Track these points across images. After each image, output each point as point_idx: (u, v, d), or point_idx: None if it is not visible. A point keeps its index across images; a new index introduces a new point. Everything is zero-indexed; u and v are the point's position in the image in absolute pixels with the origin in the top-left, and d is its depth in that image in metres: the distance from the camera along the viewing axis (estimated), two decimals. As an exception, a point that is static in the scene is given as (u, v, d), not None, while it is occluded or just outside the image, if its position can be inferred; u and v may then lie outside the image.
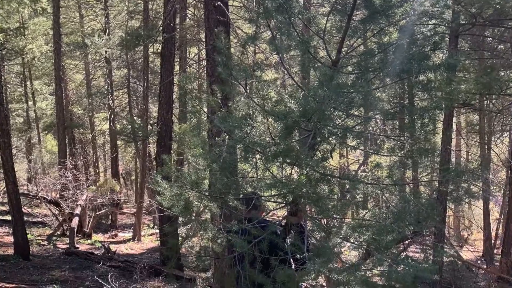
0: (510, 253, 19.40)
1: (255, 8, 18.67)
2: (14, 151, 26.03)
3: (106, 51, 28.49)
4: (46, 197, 22.23)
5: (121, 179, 35.70)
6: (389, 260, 5.14)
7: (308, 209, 6.13)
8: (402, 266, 5.08)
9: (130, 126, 24.23)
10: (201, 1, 18.16)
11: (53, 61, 28.52)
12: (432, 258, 6.69)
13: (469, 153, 29.95)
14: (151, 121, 25.37)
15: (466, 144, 30.04)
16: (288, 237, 5.56)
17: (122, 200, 30.54)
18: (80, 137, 34.01)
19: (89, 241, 22.73)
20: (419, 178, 8.30)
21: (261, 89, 5.67)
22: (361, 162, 21.79)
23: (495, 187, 27.12)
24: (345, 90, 5.29)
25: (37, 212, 25.88)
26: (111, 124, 29.29)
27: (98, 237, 24.35)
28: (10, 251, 16.85)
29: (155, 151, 20.83)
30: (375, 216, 5.74)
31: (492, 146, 24.96)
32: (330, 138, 5.64)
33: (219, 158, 5.82)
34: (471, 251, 23.55)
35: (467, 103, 14.39)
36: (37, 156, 34.99)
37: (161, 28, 19.13)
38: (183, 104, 23.80)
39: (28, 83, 34.67)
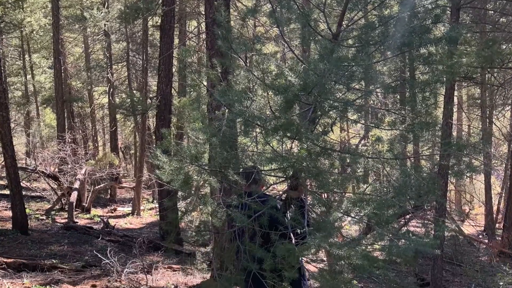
0: (512, 227, 19.48)
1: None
2: (12, 125, 26.04)
3: (105, 24, 28.36)
4: (45, 171, 22.23)
5: (120, 153, 35.71)
6: (390, 235, 5.13)
7: (308, 183, 6.10)
8: (403, 240, 5.07)
9: (129, 99, 24.17)
10: (200, -27, 18.04)
11: (51, 34, 28.45)
12: (433, 233, 6.65)
13: (471, 127, 29.91)
14: (151, 95, 25.30)
15: (467, 118, 30.01)
16: (288, 212, 5.54)
17: (121, 174, 30.59)
18: (79, 111, 33.94)
19: (88, 215, 22.75)
20: (420, 152, 8.27)
21: (261, 63, 5.63)
22: (361, 136, 21.82)
23: (496, 161, 27.14)
24: (345, 64, 5.23)
25: (35, 187, 25.90)
26: (110, 98, 29.23)
27: (97, 211, 24.38)
28: (9, 225, 16.86)
29: (155, 125, 20.79)
30: (376, 190, 5.72)
31: (493, 120, 24.93)
32: (331, 112, 5.60)
33: (218, 132, 5.78)
34: (472, 226, 23.58)
35: (468, 76, 14.33)
36: (36, 130, 34.98)
37: (160, 1, 19.02)
38: (182, 77, 23.75)
39: (26, 56, 34.59)
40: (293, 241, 4.98)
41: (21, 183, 18.25)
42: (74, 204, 20.75)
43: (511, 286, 10.85)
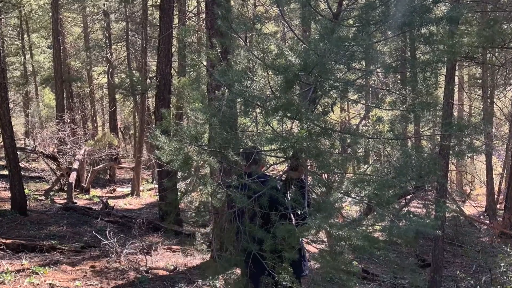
0: (513, 208, 19.48)
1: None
2: (11, 105, 26.00)
3: (104, 4, 28.28)
4: (44, 151, 22.22)
5: (120, 134, 35.71)
6: (391, 215, 5.12)
7: (308, 164, 6.08)
8: (403, 221, 5.06)
9: (128, 79, 24.15)
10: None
11: (50, 14, 28.32)
12: (434, 213, 6.63)
13: (472, 107, 29.87)
14: (150, 75, 25.24)
15: (468, 98, 29.95)
16: (288, 192, 5.52)
17: (120, 155, 30.60)
18: (78, 91, 33.92)
19: (87, 196, 22.77)
20: (421, 132, 8.24)
21: (261, 42, 5.59)
22: (362, 116, 21.78)
23: (498, 141, 27.14)
24: (346, 43, 5.20)
25: (34, 167, 25.90)
26: (110, 78, 29.19)
27: (96, 192, 24.39)
28: (7, 206, 16.86)
29: (154, 105, 20.74)
30: (377, 170, 5.70)
31: (495, 100, 24.88)
32: (331, 92, 5.57)
33: (218, 112, 5.75)
34: (473, 206, 23.60)
35: (469, 56, 14.27)
36: (35, 110, 34.92)
37: (159, -20, 18.91)
38: (182, 57, 23.69)
39: (25, 36, 34.50)
40: (293, 222, 4.96)
41: (20, 164, 18.25)
42: (73, 184, 20.76)
43: (513, 267, 10.88)
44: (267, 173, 5.95)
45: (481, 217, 24.18)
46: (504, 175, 27.73)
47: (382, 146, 5.82)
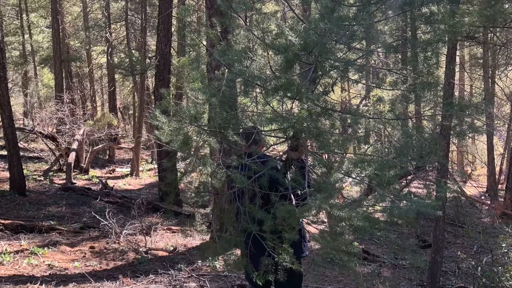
0: (515, 188, 19.48)
1: None
2: (9, 85, 25.94)
3: (103, -17, 28.15)
4: (43, 131, 22.21)
5: (119, 114, 35.68)
6: (392, 196, 5.09)
7: (309, 144, 6.06)
8: (404, 202, 5.03)
9: (128, 59, 24.12)
10: None
11: (49, -7, 28.20)
12: (435, 194, 6.61)
13: (473, 87, 29.72)
14: (149, 55, 25.18)
15: (469, 78, 29.83)
16: (288, 173, 5.50)
17: (120, 135, 30.59)
18: (77, 71, 33.84)
19: (86, 176, 22.80)
20: (422, 112, 8.21)
21: (261, 22, 5.54)
22: (363, 96, 21.75)
23: (499, 122, 27.10)
24: (346, 23, 5.15)
25: (33, 147, 25.92)
26: (109, 58, 29.14)
27: (95, 172, 24.41)
28: (6, 186, 16.87)
29: (154, 85, 20.73)
30: (377, 151, 5.68)
31: (496, 79, 24.79)
32: (332, 72, 5.53)
33: (218, 92, 5.72)
34: (474, 187, 23.62)
35: (470, 36, 14.20)
36: (33, 90, 34.87)
37: (159, -42, 18.79)
38: (182, 37, 23.63)
39: (24, 15, 34.36)
40: (294, 203, 4.94)
41: (19, 144, 18.25)
42: (72, 165, 20.80)
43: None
44: (267, 154, 5.92)
45: (482, 197, 24.17)
46: (506, 156, 27.72)
47: (383, 126, 5.78)
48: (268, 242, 4.94)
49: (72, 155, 21.17)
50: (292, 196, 5.01)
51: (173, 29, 20.39)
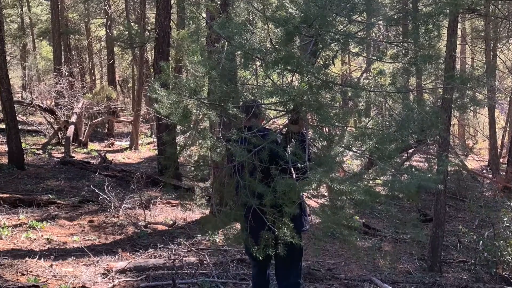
0: (516, 162, 19.45)
1: None
2: (8, 58, 25.85)
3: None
4: (41, 105, 22.17)
5: (118, 87, 35.55)
6: (392, 170, 5.07)
7: (309, 117, 6.02)
8: (405, 175, 5.01)
9: (127, 32, 23.98)
10: None
11: (48, -36, 28.03)
12: (436, 168, 6.60)
13: (474, 60, 29.57)
14: (149, 27, 25.09)
15: (471, 51, 29.67)
16: (289, 146, 5.46)
17: (119, 108, 30.57)
18: (76, 44, 33.73)
19: (85, 150, 22.80)
20: (423, 85, 8.17)
21: (262, -6, 5.48)
22: (363, 69, 21.67)
23: (500, 95, 27.03)
24: (347, -5, 5.10)
25: (31, 121, 25.89)
26: (108, 30, 29.01)
27: (94, 146, 24.41)
28: (4, 160, 16.87)
29: (153, 58, 20.61)
30: (378, 124, 5.64)
31: (498, 52, 24.70)
32: (332, 45, 5.47)
33: (218, 65, 5.67)
34: (476, 160, 23.64)
35: (472, 8, 14.11)
36: (32, 63, 34.74)
37: None
38: (181, 9, 23.48)
39: (22, -12, 34.17)
40: (294, 176, 4.91)
41: (17, 117, 18.21)
42: (71, 138, 20.79)
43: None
44: (267, 127, 5.88)
45: (484, 171, 24.18)
46: (507, 129, 27.72)
47: (384, 100, 5.74)
48: (268, 216, 4.92)
49: (71, 129, 21.14)
50: (293, 170, 4.98)
51: (172, 1, 20.25)
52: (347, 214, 5.00)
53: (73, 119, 21.80)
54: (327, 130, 6.36)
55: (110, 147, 25.36)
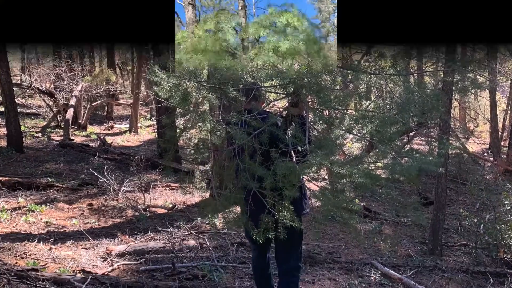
0: (517, 145, 19.41)
1: None
2: (7, 41, 25.65)
3: None
4: (40, 87, 22.13)
5: (117, 69, 35.43)
6: (393, 153, 5.04)
7: (309, 100, 5.98)
8: (406, 158, 4.98)
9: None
10: None
11: None
12: (437, 151, 6.58)
13: (476, 42, 29.45)
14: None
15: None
16: (289, 129, 5.43)
17: (118, 91, 30.44)
18: (75, 26, 33.51)
19: (84, 133, 22.76)
20: (424, 67, 8.11)
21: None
22: (364, 51, 21.59)
23: (502, 77, 26.90)
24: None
25: (31, 103, 25.83)
26: (107, 13, 28.80)
27: (93, 129, 24.38)
28: (3, 143, 16.85)
29: (152, 41, 20.49)
30: (379, 107, 5.60)
31: (499, 34, 24.52)
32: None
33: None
34: (477, 143, 23.55)
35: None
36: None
37: None
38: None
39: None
40: (294, 159, 4.88)
41: (16, 100, 18.16)
42: (70, 121, 20.76)
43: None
44: (267, 110, 5.85)
45: (485, 154, 24.09)
46: (508, 112, 27.64)
47: (384, 82, 5.70)
48: (268, 199, 4.89)
49: (70, 112, 21.09)
50: (293, 153, 4.95)
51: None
52: (348, 197, 4.97)
53: (73, 102, 21.74)
54: (327, 113, 6.34)
55: (109, 130, 25.32)
